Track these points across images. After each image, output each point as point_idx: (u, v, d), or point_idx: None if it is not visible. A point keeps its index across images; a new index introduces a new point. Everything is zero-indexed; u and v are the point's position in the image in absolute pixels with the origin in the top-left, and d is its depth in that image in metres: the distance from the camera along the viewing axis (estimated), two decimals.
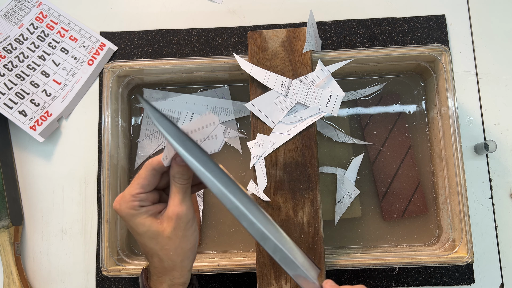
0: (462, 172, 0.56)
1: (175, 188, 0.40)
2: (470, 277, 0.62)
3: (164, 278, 0.40)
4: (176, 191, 0.40)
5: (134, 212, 0.39)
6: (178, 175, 0.40)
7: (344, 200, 0.62)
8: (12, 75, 0.67)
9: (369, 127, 0.65)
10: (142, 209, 0.39)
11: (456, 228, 0.57)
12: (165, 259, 0.39)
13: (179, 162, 0.39)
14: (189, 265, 0.41)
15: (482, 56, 0.68)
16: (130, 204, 0.39)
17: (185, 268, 0.41)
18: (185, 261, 0.40)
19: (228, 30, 0.70)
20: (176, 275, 0.40)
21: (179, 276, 0.40)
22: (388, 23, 0.69)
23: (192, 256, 0.41)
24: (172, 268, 0.40)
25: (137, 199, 0.39)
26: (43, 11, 0.71)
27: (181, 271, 0.40)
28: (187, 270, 0.41)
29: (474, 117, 0.66)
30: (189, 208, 0.40)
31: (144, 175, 0.39)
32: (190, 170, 0.39)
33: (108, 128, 0.60)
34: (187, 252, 0.40)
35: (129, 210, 0.39)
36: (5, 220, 0.62)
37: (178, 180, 0.40)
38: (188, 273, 0.41)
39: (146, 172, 0.39)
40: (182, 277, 0.41)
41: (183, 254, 0.40)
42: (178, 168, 0.40)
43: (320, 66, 0.58)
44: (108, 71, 0.60)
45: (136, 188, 0.39)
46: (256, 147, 0.57)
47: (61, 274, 0.65)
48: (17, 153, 0.68)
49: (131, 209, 0.39)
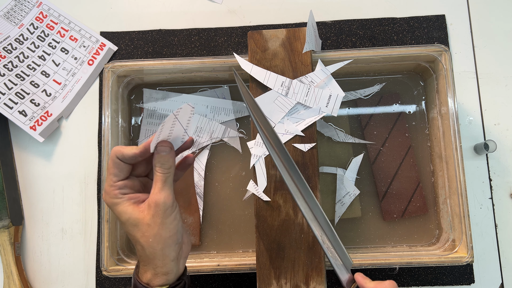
0: (462, 172, 0.56)
1: (156, 177, 0.41)
2: (470, 277, 0.62)
3: (148, 266, 0.41)
4: (157, 179, 0.41)
5: (116, 201, 0.41)
6: (159, 164, 0.41)
7: (344, 200, 0.62)
8: (12, 75, 0.67)
9: (369, 127, 0.65)
10: (124, 197, 0.41)
11: (456, 228, 0.57)
12: (145, 246, 0.40)
13: (160, 151, 0.41)
14: (171, 254, 0.41)
15: (482, 56, 0.68)
16: (111, 193, 0.41)
17: (166, 257, 0.41)
18: (166, 249, 0.41)
19: (228, 30, 0.70)
20: (158, 264, 0.41)
21: (161, 265, 0.41)
22: (388, 23, 0.69)
23: (174, 244, 0.41)
24: (153, 256, 0.41)
25: (116, 188, 0.41)
26: (43, 11, 0.71)
27: (163, 260, 0.41)
28: (169, 259, 0.41)
29: (474, 117, 0.66)
30: (168, 196, 0.41)
31: (111, 165, 0.41)
32: (172, 160, 0.42)
33: (108, 128, 0.60)
34: (167, 240, 0.41)
35: (112, 200, 0.41)
36: (5, 220, 0.62)
37: (158, 169, 0.41)
38: (171, 263, 0.41)
39: (111, 162, 0.41)
40: (164, 266, 0.41)
41: (163, 241, 0.41)
42: (159, 158, 0.41)
43: (320, 66, 0.58)
44: (108, 71, 0.60)
45: (110, 178, 0.41)
46: (256, 147, 0.57)
47: (61, 274, 0.65)
48: (17, 153, 0.68)
49: (113, 198, 0.41)
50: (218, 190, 0.64)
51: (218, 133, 0.65)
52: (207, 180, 0.64)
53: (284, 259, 0.54)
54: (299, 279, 0.54)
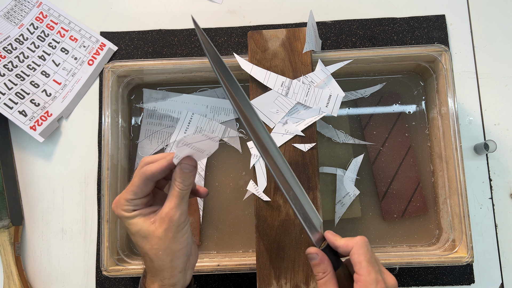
0: (462, 172, 0.56)
1: (174, 191, 0.40)
2: (470, 277, 0.62)
3: (156, 278, 0.41)
4: (175, 195, 0.40)
5: (128, 215, 0.41)
6: (180, 180, 0.40)
7: (344, 200, 0.62)
8: (12, 75, 0.67)
9: (369, 127, 0.65)
10: (136, 212, 0.41)
11: (456, 228, 0.57)
12: (154, 258, 0.40)
13: (183, 168, 0.40)
14: (179, 266, 0.41)
15: (482, 56, 0.68)
16: (124, 207, 0.41)
17: (175, 269, 0.41)
18: (175, 261, 0.41)
19: (228, 30, 0.70)
20: (166, 275, 0.41)
21: (169, 276, 0.41)
22: (388, 23, 0.69)
23: (183, 256, 0.41)
24: (161, 268, 0.40)
25: (131, 204, 0.41)
26: (43, 11, 0.71)
27: (171, 272, 0.41)
28: (177, 271, 0.41)
29: (474, 117, 0.66)
30: (183, 213, 0.40)
31: (137, 183, 0.40)
32: (193, 178, 0.41)
33: (108, 128, 0.60)
34: (177, 252, 0.41)
35: (123, 213, 0.41)
36: (5, 220, 0.62)
37: (178, 184, 0.40)
38: (179, 274, 0.41)
39: (139, 180, 0.40)
40: (172, 278, 0.41)
41: (172, 254, 0.40)
42: (181, 173, 0.40)
43: (320, 66, 0.58)
44: (108, 71, 0.60)
45: (129, 194, 0.40)
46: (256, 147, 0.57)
47: (61, 274, 0.65)
48: (17, 153, 0.68)
49: (125, 211, 0.41)
50: (218, 190, 0.64)
51: (218, 133, 0.65)
52: (207, 180, 0.64)
53: (284, 259, 0.54)
54: (299, 279, 0.54)
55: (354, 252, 0.41)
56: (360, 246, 0.41)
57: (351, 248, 0.41)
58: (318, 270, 0.42)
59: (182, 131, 0.65)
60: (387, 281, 0.41)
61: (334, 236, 0.43)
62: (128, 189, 0.41)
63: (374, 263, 0.40)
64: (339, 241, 0.43)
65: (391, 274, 0.42)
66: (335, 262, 0.43)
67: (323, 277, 0.42)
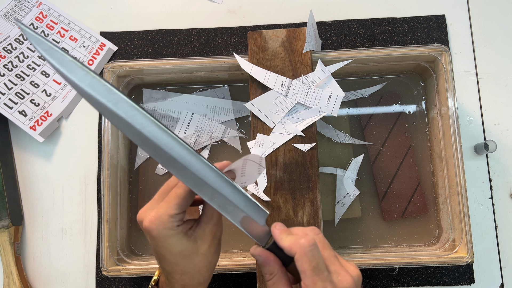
0: (462, 172, 0.56)
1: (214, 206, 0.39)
2: (470, 277, 0.62)
3: None
4: (215, 210, 0.39)
5: (171, 233, 0.37)
6: None
7: (344, 200, 0.62)
8: (12, 75, 0.67)
9: (369, 127, 0.65)
10: (178, 228, 0.38)
11: (456, 228, 0.57)
12: (196, 276, 0.39)
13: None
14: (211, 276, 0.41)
15: (482, 56, 0.68)
16: (168, 225, 0.37)
17: (208, 281, 0.41)
18: (211, 274, 0.41)
19: (228, 30, 0.70)
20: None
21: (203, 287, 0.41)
22: (388, 23, 0.69)
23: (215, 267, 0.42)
24: (201, 283, 0.40)
25: (176, 220, 0.37)
26: (43, 11, 0.71)
27: (206, 284, 0.41)
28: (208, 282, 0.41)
29: (474, 117, 0.66)
30: (222, 226, 0.40)
31: (183, 195, 0.37)
32: None
33: (108, 128, 0.60)
34: (215, 265, 0.40)
35: (166, 231, 0.37)
36: (5, 220, 0.62)
37: None
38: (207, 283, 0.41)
39: (185, 192, 0.37)
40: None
41: (212, 268, 0.40)
42: None
43: (320, 66, 0.58)
44: (108, 71, 0.60)
45: (175, 208, 0.37)
46: (256, 147, 0.57)
47: (61, 274, 0.65)
48: (17, 153, 0.68)
49: (169, 229, 0.37)
50: None
51: (218, 133, 0.65)
52: None
53: None
54: None
55: (298, 259, 0.36)
56: (303, 253, 0.36)
57: (295, 253, 0.36)
58: (265, 272, 0.39)
59: (182, 131, 0.65)
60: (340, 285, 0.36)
61: (280, 234, 0.38)
62: (171, 202, 0.37)
63: (320, 270, 0.36)
64: (284, 241, 0.38)
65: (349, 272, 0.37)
66: (286, 257, 0.38)
67: (270, 278, 0.38)
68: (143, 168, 0.65)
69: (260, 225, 0.39)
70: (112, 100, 0.34)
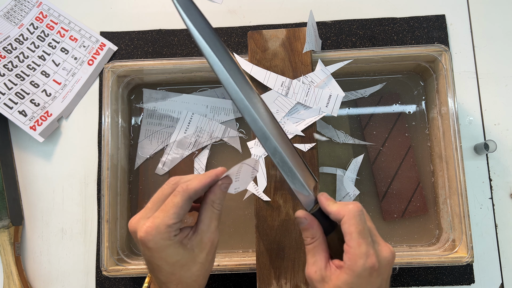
0: (462, 172, 0.56)
1: (212, 214, 0.39)
2: (470, 277, 0.62)
3: None
4: (214, 218, 0.39)
5: (168, 243, 0.37)
6: (219, 201, 0.39)
7: (344, 200, 0.62)
8: (12, 75, 0.67)
9: (369, 127, 0.65)
10: (175, 238, 0.37)
11: (456, 228, 0.57)
12: (192, 285, 0.38)
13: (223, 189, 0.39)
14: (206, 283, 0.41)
15: (482, 56, 0.68)
16: (165, 235, 0.36)
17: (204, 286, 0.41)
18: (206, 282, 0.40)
19: (228, 30, 0.70)
20: None
21: None
22: (388, 23, 0.69)
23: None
24: None
25: (173, 229, 0.37)
26: (43, 11, 0.71)
27: None
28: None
29: (474, 117, 0.66)
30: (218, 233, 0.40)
31: (181, 204, 0.37)
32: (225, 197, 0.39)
33: (108, 128, 0.60)
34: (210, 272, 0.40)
35: (163, 241, 0.36)
36: (5, 220, 0.62)
37: (217, 206, 0.39)
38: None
39: (183, 201, 0.37)
40: None
41: (208, 276, 0.40)
42: (221, 195, 0.39)
43: (320, 66, 0.58)
44: (108, 71, 0.60)
45: (173, 218, 0.36)
46: (256, 147, 0.57)
47: (61, 274, 0.65)
48: (17, 153, 0.68)
49: (166, 240, 0.36)
50: None
51: (218, 133, 0.65)
52: None
53: (284, 259, 0.54)
54: (299, 279, 0.54)
55: (345, 221, 0.37)
56: (352, 216, 0.37)
57: (343, 217, 0.38)
58: (307, 235, 0.40)
59: (182, 131, 0.65)
60: (381, 254, 0.38)
61: (327, 201, 0.40)
62: (168, 211, 0.36)
63: (366, 235, 0.37)
64: (331, 206, 0.39)
65: (387, 245, 0.39)
66: (327, 226, 0.40)
67: (311, 242, 0.39)
68: (143, 168, 0.65)
69: (309, 190, 0.40)
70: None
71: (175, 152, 0.65)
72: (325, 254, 0.39)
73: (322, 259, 0.39)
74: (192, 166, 0.64)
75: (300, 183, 0.40)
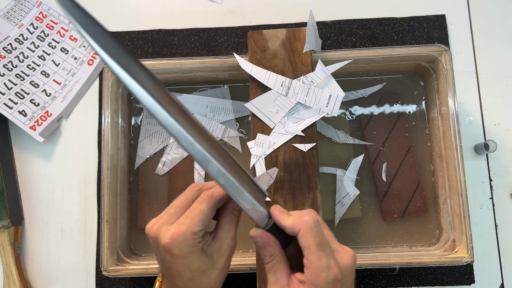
0: (462, 172, 0.56)
1: (232, 221, 0.39)
2: (470, 277, 0.62)
3: None
4: (234, 224, 0.39)
5: (193, 250, 0.36)
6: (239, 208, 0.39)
7: (344, 201, 0.62)
8: (12, 75, 0.67)
9: (369, 127, 0.65)
10: (199, 245, 0.37)
11: (456, 228, 0.57)
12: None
13: None
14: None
15: (482, 56, 0.68)
16: (191, 242, 0.36)
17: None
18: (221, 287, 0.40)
19: (228, 30, 0.69)
20: None
21: None
22: (388, 23, 0.69)
23: None
24: None
25: (198, 236, 0.37)
26: (43, 11, 0.71)
27: None
28: None
29: (474, 117, 0.66)
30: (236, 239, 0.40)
31: (207, 212, 0.37)
32: None
33: (108, 128, 0.60)
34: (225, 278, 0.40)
35: (188, 248, 0.36)
36: (5, 220, 0.62)
37: (237, 213, 0.39)
38: None
39: (209, 208, 0.37)
40: None
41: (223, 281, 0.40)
42: None
43: (320, 66, 0.58)
44: (108, 71, 0.60)
45: (199, 225, 0.36)
46: (256, 147, 0.57)
47: (61, 274, 0.65)
48: (17, 153, 0.68)
49: (191, 246, 0.36)
50: None
51: (218, 133, 0.65)
52: (207, 180, 0.64)
53: None
54: None
55: (302, 235, 0.36)
56: (308, 229, 0.36)
57: (299, 230, 0.36)
58: (265, 254, 0.38)
59: None
60: (341, 262, 0.37)
61: (281, 214, 0.38)
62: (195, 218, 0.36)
63: (324, 246, 0.36)
64: (285, 220, 0.37)
65: (346, 251, 0.38)
66: (285, 239, 0.38)
67: (270, 260, 0.38)
68: (143, 168, 0.65)
69: (260, 206, 0.38)
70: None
71: (175, 152, 0.65)
72: (286, 270, 0.38)
73: (283, 276, 0.38)
74: (192, 166, 0.64)
75: (251, 201, 0.37)
